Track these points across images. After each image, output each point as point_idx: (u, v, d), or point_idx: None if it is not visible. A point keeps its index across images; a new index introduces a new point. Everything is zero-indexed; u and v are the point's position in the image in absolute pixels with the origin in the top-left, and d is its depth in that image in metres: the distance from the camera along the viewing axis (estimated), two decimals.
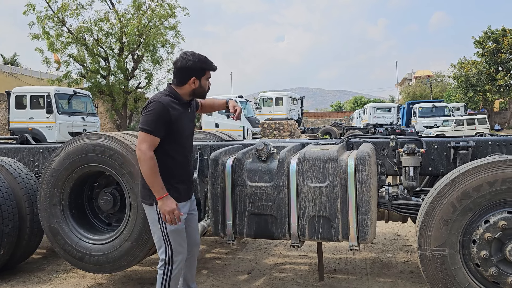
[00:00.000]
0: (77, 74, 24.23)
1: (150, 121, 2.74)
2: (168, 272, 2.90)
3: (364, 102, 60.97)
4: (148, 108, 2.79)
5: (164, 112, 2.77)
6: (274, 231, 3.26)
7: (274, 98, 27.86)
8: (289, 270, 4.32)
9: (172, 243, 2.89)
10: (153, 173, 2.73)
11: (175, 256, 2.91)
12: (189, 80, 2.90)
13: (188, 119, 3.00)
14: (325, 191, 3.11)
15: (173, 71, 2.97)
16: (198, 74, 2.91)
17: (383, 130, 27.78)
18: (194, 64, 2.87)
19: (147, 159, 2.71)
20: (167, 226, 2.86)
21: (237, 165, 3.33)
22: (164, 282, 2.89)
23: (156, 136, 2.75)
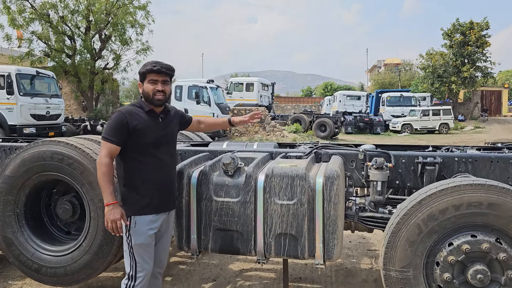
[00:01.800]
0: (41, 53, 23.28)
1: (108, 129, 2.79)
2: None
3: (334, 88, 61.48)
4: (110, 117, 2.87)
5: (121, 120, 2.79)
6: (239, 247, 3.19)
7: (245, 83, 27.69)
8: (254, 278, 4.28)
9: (136, 257, 2.82)
10: (104, 178, 2.72)
11: (138, 272, 2.84)
12: (140, 86, 2.97)
13: (157, 127, 2.91)
14: (292, 209, 3.05)
15: None
16: (141, 79, 2.94)
17: (352, 118, 28.22)
18: (140, 71, 2.95)
19: (101, 164, 2.74)
20: (132, 240, 2.79)
21: (203, 178, 3.22)
22: None
23: (113, 143, 2.76)
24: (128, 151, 2.81)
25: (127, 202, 2.83)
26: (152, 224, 2.86)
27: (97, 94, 25.16)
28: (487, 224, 2.81)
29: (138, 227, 2.81)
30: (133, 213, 2.81)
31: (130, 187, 2.83)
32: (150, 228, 2.85)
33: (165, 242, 3.07)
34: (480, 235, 2.81)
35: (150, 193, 2.85)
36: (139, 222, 2.81)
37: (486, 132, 28.33)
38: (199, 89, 18.30)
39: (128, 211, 2.81)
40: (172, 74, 3.00)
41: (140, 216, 2.82)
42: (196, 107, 17.94)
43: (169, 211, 3.04)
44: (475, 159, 3.54)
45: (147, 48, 25.19)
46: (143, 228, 2.81)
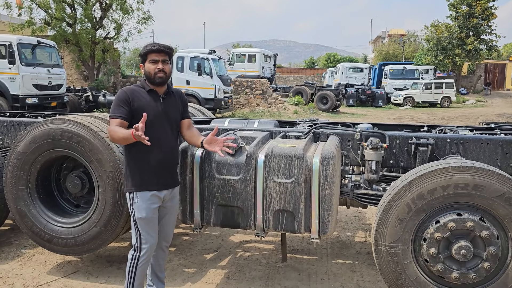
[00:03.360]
0: (41, 21, 23.06)
1: (113, 107, 2.96)
2: (136, 259, 3.02)
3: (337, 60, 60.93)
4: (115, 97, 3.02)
5: (124, 96, 2.97)
6: (240, 222, 3.39)
7: (247, 54, 27.49)
8: (254, 249, 4.52)
9: (140, 230, 3.01)
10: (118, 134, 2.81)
11: (143, 243, 3.02)
12: (141, 67, 3.12)
13: (157, 107, 3.02)
14: (290, 187, 3.23)
15: None
16: (142, 60, 3.10)
17: (354, 90, 28.18)
18: (140, 52, 3.11)
19: (111, 132, 2.88)
20: (136, 214, 2.98)
21: (206, 157, 3.39)
22: (131, 268, 3.03)
23: (119, 118, 2.90)
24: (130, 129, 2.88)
25: (130, 178, 2.99)
26: (153, 199, 3.00)
27: (98, 64, 25.02)
28: (472, 204, 2.99)
29: (140, 203, 2.96)
30: (135, 189, 2.98)
31: (131, 165, 3.00)
32: (151, 203, 3.00)
33: (171, 217, 3.25)
34: (465, 214, 2.99)
35: (150, 170, 2.99)
36: (140, 198, 2.96)
37: (488, 106, 28.34)
38: (201, 60, 18.22)
39: (131, 187, 2.99)
40: (171, 53, 3.13)
41: (141, 192, 2.97)
42: (198, 79, 17.92)
43: (173, 188, 3.17)
44: (466, 141, 3.70)
45: (148, 18, 24.87)
46: (145, 204, 2.97)
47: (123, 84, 25.38)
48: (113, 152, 3.53)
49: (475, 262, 3.02)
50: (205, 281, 3.79)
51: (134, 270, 3.03)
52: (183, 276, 3.88)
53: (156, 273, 3.33)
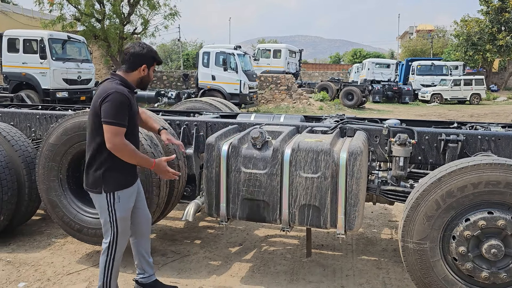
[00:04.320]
0: (71, 17, 23.58)
1: (116, 113, 2.79)
2: (112, 253, 3.03)
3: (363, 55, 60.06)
4: (108, 100, 2.79)
5: (126, 102, 2.85)
6: (265, 216, 3.41)
7: (273, 50, 27.44)
8: (278, 244, 4.53)
9: (119, 229, 3.00)
10: (135, 154, 2.88)
11: (119, 239, 3.02)
12: (140, 67, 3.01)
13: (135, 106, 3.06)
14: (317, 182, 3.22)
15: (123, 57, 3.04)
16: (148, 63, 3.04)
17: (380, 86, 27.75)
18: (148, 53, 3.02)
19: (123, 147, 2.81)
20: (116, 213, 2.96)
21: (233, 151, 3.41)
22: (107, 263, 3.03)
23: (122, 126, 2.82)
24: None
25: (110, 181, 2.92)
26: (132, 195, 3.05)
27: None
28: (504, 202, 2.92)
29: (122, 201, 2.96)
30: (116, 189, 2.93)
31: (113, 168, 2.91)
32: (131, 200, 3.05)
33: (144, 201, 3.27)
34: (496, 212, 2.92)
35: (131, 169, 3.01)
36: (122, 197, 2.96)
37: None
38: (227, 55, 18.28)
39: (111, 188, 2.92)
40: None
41: (122, 190, 2.96)
42: (223, 74, 17.99)
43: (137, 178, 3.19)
44: (498, 138, 3.61)
45: (175, 13, 25.12)
46: (126, 201, 3.00)
47: None
48: (142, 144, 3.58)
49: (507, 261, 2.95)
50: (230, 274, 3.82)
51: (111, 265, 3.04)
52: (209, 268, 3.92)
53: (146, 259, 3.34)
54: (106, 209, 2.95)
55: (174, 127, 4.26)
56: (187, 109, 5.66)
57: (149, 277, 3.38)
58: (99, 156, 2.90)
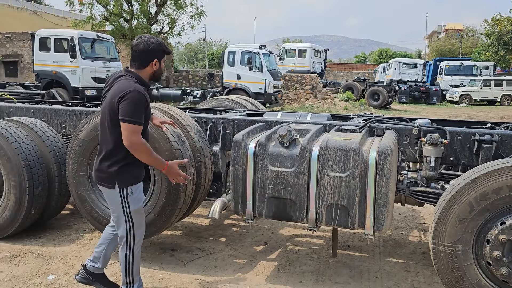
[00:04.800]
0: (100, 17, 24.05)
1: (132, 112, 2.80)
2: (131, 248, 3.06)
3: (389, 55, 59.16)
4: (126, 98, 2.80)
5: (144, 101, 2.87)
6: (292, 214, 3.37)
7: (298, 49, 27.32)
8: (304, 243, 4.48)
9: (134, 221, 3.03)
10: (151, 153, 2.90)
11: (136, 232, 3.06)
12: (152, 62, 2.99)
13: (150, 103, 3.09)
14: (345, 181, 3.17)
15: (133, 54, 3.00)
16: (159, 56, 3.02)
17: (407, 87, 27.25)
18: (157, 47, 2.99)
19: (142, 146, 2.84)
20: (130, 207, 2.99)
21: (260, 149, 3.39)
22: (127, 257, 3.06)
23: (140, 125, 2.85)
24: None
25: (125, 176, 2.95)
26: (141, 188, 3.09)
27: None
28: None
29: (135, 195, 2.99)
30: (130, 184, 2.96)
31: (128, 164, 2.95)
32: (142, 192, 3.10)
33: None
34: None
35: (142, 164, 3.02)
36: (135, 190, 2.99)
37: None
38: (252, 55, 18.28)
39: (125, 183, 2.95)
40: None
41: (135, 185, 3.00)
42: (248, 73, 18.00)
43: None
44: None
45: (201, 13, 25.30)
46: (138, 195, 3.03)
47: (175, 78, 26.02)
48: (169, 141, 3.60)
49: None
50: (255, 272, 3.80)
51: (132, 259, 3.07)
52: (234, 266, 3.91)
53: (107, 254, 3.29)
54: (119, 203, 2.98)
55: (201, 124, 4.26)
56: (213, 107, 5.68)
57: (98, 269, 3.34)
58: (115, 153, 2.92)
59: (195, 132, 3.99)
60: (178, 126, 3.91)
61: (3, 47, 27.20)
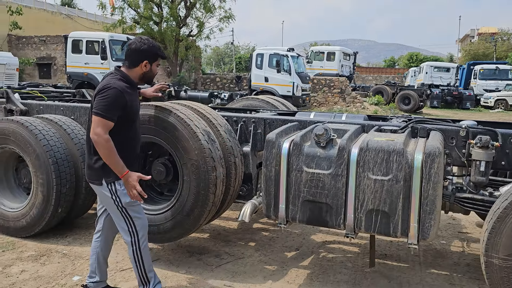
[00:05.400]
0: (131, 20, 24.38)
1: (106, 106, 2.79)
2: (136, 243, 2.97)
3: (420, 59, 57.94)
4: (104, 93, 2.81)
5: (120, 98, 2.83)
6: (328, 220, 3.15)
7: (326, 52, 26.96)
8: (337, 251, 4.24)
9: (130, 214, 2.95)
10: (112, 154, 2.78)
11: (137, 226, 2.97)
12: (142, 63, 2.96)
13: (137, 102, 3.10)
14: (387, 185, 2.93)
15: (125, 53, 3.02)
16: (150, 59, 2.99)
17: (439, 91, 26.48)
18: (149, 48, 2.97)
19: (104, 142, 2.76)
20: (121, 200, 2.91)
21: (294, 149, 3.19)
22: (135, 254, 2.98)
23: (110, 121, 2.80)
24: (116, 125, 2.85)
25: (109, 169, 2.86)
26: None
27: (181, 61, 25.95)
28: None
29: (124, 187, 2.90)
30: (117, 178, 2.88)
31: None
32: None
33: None
34: None
35: (129, 160, 2.93)
36: (123, 184, 2.89)
37: None
38: (280, 57, 18.10)
39: (111, 177, 2.88)
40: None
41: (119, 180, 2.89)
42: (276, 76, 17.83)
43: None
44: None
45: (229, 16, 25.34)
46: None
47: (203, 81, 26.10)
48: (199, 140, 3.45)
49: None
50: (287, 280, 3.59)
51: (140, 254, 2.99)
52: (264, 273, 3.71)
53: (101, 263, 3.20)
54: (110, 199, 2.92)
55: (231, 123, 4.10)
56: (243, 106, 5.51)
57: (99, 282, 3.22)
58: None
59: (225, 131, 3.82)
60: (208, 124, 3.75)
61: (37, 50, 27.98)
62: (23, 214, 4.26)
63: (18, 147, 4.21)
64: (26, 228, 4.27)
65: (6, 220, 4.36)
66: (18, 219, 4.28)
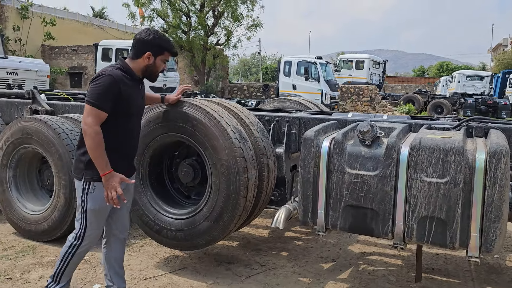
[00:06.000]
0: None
1: (98, 94, 2.58)
2: (75, 247, 2.76)
3: (451, 69, 56.56)
4: (97, 81, 2.61)
5: (113, 86, 2.61)
6: (373, 227, 2.80)
7: (355, 60, 26.52)
8: (378, 263, 3.87)
9: (88, 221, 2.72)
10: (99, 148, 2.56)
11: (87, 234, 2.74)
12: (144, 54, 2.74)
13: (139, 95, 2.86)
14: (443, 189, 2.57)
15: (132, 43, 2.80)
16: (155, 51, 2.75)
17: (473, 100, 25.58)
18: (153, 40, 2.75)
19: (92, 133, 2.55)
20: (88, 204, 2.68)
21: (336, 147, 2.87)
22: (66, 254, 2.77)
23: (102, 110, 2.59)
24: (110, 118, 2.63)
25: (91, 166, 2.63)
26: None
27: (209, 69, 25.96)
28: None
29: (97, 193, 2.67)
30: (94, 179, 2.65)
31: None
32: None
33: (128, 206, 2.95)
34: None
35: (117, 161, 2.68)
36: (98, 188, 2.66)
37: None
38: (309, 65, 17.81)
39: (90, 176, 2.66)
40: None
41: (100, 182, 2.64)
42: (305, 83, 17.53)
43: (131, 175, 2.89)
44: None
45: (257, 24, 25.22)
46: (101, 194, 2.65)
47: (230, 89, 26.04)
48: (230, 138, 3.17)
49: None
50: None
51: (70, 257, 2.78)
52: (299, 285, 3.38)
53: (116, 269, 2.96)
54: (80, 197, 2.73)
55: (263, 123, 3.81)
56: (275, 107, 5.22)
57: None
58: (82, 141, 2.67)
59: (257, 130, 3.54)
60: (240, 123, 3.47)
61: (69, 60, 28.55)
62: (44, 217, 4.07)
63: (41, 147, 4.03)
64: (47, 231, 4.08)
65: (28, 223, 4.19)
66: (40, 222, 4.10)
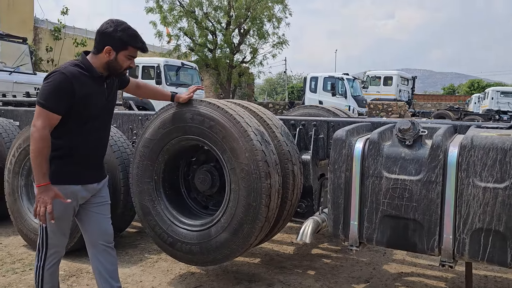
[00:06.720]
0: (186, 48, 24.83)
1: (48, 94, 2.32)
2: (41, 260, 2.53)
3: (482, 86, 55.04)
4: (48, 79, 2.34)
5: (65, 85, 2.32)
6: (417, 242, 2.41)
7: (383, 77, 25.98)
8: (418, 285, 3.43)
9: (48, 227, 2.46)
10: (39, 155, 2.28)
11: (49, 241, 2.51)
12: (104, 49, 2.41)
13: (102, 95, 2.51)
14: (502, 195, 2.17)
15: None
16: (116, 46, 2.41)
17: (508, 117, 24.61)
18: (114, 33, 2.40)
19: (38, 137, 2.28)
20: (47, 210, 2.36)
21: (371, 148, 2.51)
22: (37, 270, 2.54)
23: (53, 112, 2.31)
24: (64, 121, 2.37)
25: (54, 171, 2.38)
26: (73, 196, 2.44)
27: (234, 87, 25.96)
28: None
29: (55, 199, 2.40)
30: (55, 182, 2.36)
31: (56, 155, 2.39)
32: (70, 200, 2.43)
33: (105, 211, 2.66)
34: None
35: (80, 164, 2.46)
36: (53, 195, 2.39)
37: None
38: (335, 80, 17.52)
39: (54, 180, 2.38)
40: None
41: (61, 185, 2.39)
42: (331, 99, 17.18)
43: (100, 181, 2.62)
44: None
45: (283, 42, 25.18)
46: (59, 201, 2.37)
47: None
48: (250, 140, 2.85)
49: None
50: None
51: (42, 273, 2.53)
52: None
53: (110, 282, 2.64)
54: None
55: (288, 127, 3.48)
56: (301, 115, 4.89)
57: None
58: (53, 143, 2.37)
59: (281, 133, 3.21)
60: (262, 125, 3.16)
61: None
62: None
63: None
64: None
65: (37, 235, 3.94)
66: None
